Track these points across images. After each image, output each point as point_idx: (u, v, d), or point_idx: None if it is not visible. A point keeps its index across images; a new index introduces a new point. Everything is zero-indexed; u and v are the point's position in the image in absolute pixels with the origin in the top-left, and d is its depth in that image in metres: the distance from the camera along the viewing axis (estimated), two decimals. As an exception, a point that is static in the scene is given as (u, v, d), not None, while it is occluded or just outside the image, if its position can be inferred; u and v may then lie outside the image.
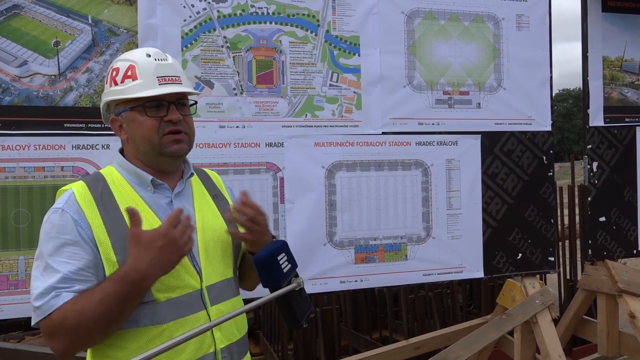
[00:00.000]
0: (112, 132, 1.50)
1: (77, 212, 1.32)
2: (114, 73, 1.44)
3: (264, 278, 1.36)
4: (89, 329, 1.24)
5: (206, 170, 1.68)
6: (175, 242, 1.27)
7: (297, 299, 1.38)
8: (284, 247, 1.39)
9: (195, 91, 1.54)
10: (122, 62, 1.45)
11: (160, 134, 1.41)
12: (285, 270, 1.36)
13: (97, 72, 2.32)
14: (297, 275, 1.40)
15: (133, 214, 1.25)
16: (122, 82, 1.42)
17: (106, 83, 1.48)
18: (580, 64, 3.26)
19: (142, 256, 1.24)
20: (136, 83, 1.41)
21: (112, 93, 1.44)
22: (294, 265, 1.40)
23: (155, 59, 1.44)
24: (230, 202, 1.62)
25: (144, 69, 1.42)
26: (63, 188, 1.41)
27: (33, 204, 2.20)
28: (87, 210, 1.33)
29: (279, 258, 1.35)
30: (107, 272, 1.30)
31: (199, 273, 1.41)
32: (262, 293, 1.43)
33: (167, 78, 1.43)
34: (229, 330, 1.46)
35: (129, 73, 1.41)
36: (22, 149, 2.21)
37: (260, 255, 1.34)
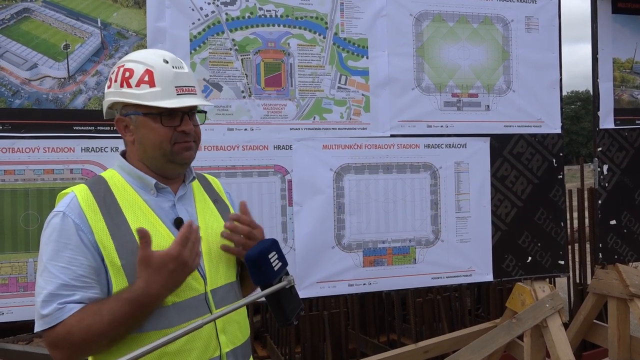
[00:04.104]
0: (119, 135, 1.48)
1: (79, 215, 1.30)
2: (127, 74, 1.40)
3: (255, 276, 1.36)
4: (95, 343, 1.25)
5: (206, 175, 1.67)
6: (186, 263, 1.27)
7: (288, 297, 1.38)
8: (274, 245, 1.40)
9: (211, 104, 1.54)
10: (136, 64, 1.41)
11: (172, 142, 1.40)
12: (276, 269, 1.36)
13: (106, 75, 2.32)
14: (287, 273, 1.40)
15: (143, 235, 1.23)
16: (138, 85, 1.38)
17: (114, 81, 1.42)
18: (589, 66, 3.24)
19: (153, 280, 1.24)
20: (154, 90, 1.38)
21: (125, 95, 1.40)
22: (285, 263, 1.41)
23: (173, 67, 1.42)
24: (230, 207, 1.62)
25: (163, 76, 1.39)
26: (64, 191, 1.39)
27: (42, 206, 2.20)
28: (89, 214, 1.31)
29: (269, 256, 1.36)
30: (112, 276, 1.29)
31: (203, 277, 1.40)
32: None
33: (184, 88, 1.41)
34: (233, 334, 1.45)
35: (146, 78, 1.38)
36: (32, 151, 2.22)
37: (251, 254, 1.35)
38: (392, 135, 2.73)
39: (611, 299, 3.26)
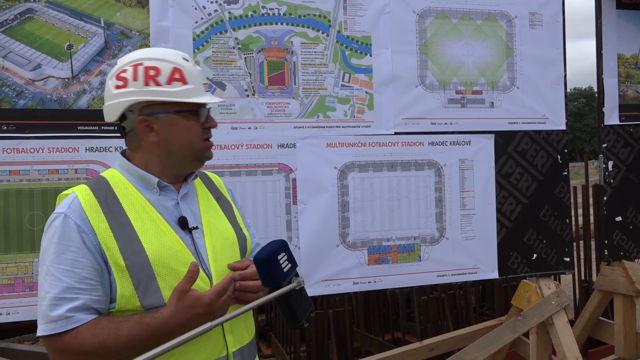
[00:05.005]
0: (141, 136, 1.42)
1: (81, 217, 1.28)
2: (152, 72, 1.37)
3: (264, 278, 1.34)
4: (105, 358, 1.25)
5: (207, 172, 1.66)
6: (213, 313, 1.26)
7: (298, 299, 1.36)
8: (283, 246, 1.37)
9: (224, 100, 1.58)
10: (159, 62, 1.39)
11: (201, 139, 1.43)
12: (285, 270, 1.34)
13: (110, 75, 2.32)
14: (297, 275, 1.38)
15: (193, 272, 1.25)
16: (169, 83, 1.37)
17: (133, 80, 1.37)
18: (592, 62, 3.23)
19: (178, 315, 1.24)
20: (188, 88, 1.39)
21: (155, 93, 1.37)
22: (294, 264, 1.38)
23: (194, 65, 1.45)
24: (232, 204, 1.62)
25: (192, 74, 1.41)
26: (65, 192, 1.36)
27: (47, 207, 2.21)
28: (91, 215, 1.29)
29: (279, 257, 1.33)
30: (116, 278, 1.27)
31: (209, 276, 1.39)
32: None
33: (205, 85, 1.47)
34: (240, 333, 1.45)
35: (177, 76, 1.38)
36: (36, 151, 2.23)
37: (260, 255, 1.32)
38: (396, 133, 2.72)
39: (617, 296, 3.24)
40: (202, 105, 1.42)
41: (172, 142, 1.40)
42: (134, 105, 1.39)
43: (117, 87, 1.39)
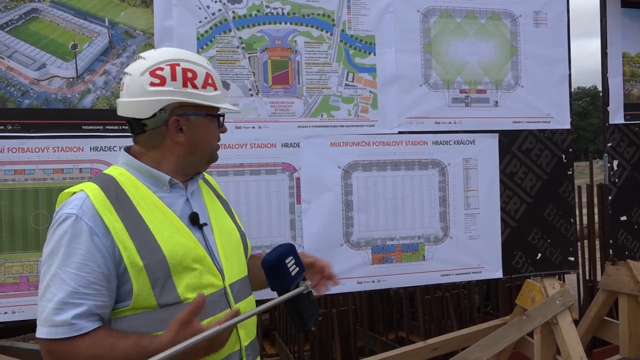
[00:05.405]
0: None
1: (94, 218, 1.26)
2: (190, 74, 1.39)
3: (272, 281, 1.34)
4: None
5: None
6: (214, 348, 1.24)
7: (305, 302, 1.36)
8: (291, 250, 1.38)
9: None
10: (193, 65, 1.41)
11: (217, 142, 1.51)
12: (293, 274, 1.34)
13: (114, 74, 2.33)
14: (304, 278, 1.38)
15: (198, 304, 1.20)
16: (204, 87, 1.42)
17: (173, 80, 1.37)
18: (596, 61, 3.31)
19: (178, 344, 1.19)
20: (219, 94, 1.46)
21: (193, 96, 1.39)
22: (302, 268, 1.39)
23: (216, 71, 1.51)
24: (227, 202, 1.65)
25: (217, 80, 1.47)
26: (68, 190, 1.34)
27: (52, 206, 2.18)
28: (105, 215, 1.27)
29: (286, 261, 1.34)
30: (132, 277, 1.26)
31: (221, 272, 1.40)
32: (271, 294, 1.42)
33: None
34: (249, 328, 1.48)
35: (210, 81, 1.44)
36: (41, 151, 2.23)
37: (268, 259, 1.33)
38: (400, 132, 2.72)
39: (622, 296, 3.23)
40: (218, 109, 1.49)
41: (197, 143, 1.43)
42: (168, 105, 1.38)
43: (153, 84, 1.37)
